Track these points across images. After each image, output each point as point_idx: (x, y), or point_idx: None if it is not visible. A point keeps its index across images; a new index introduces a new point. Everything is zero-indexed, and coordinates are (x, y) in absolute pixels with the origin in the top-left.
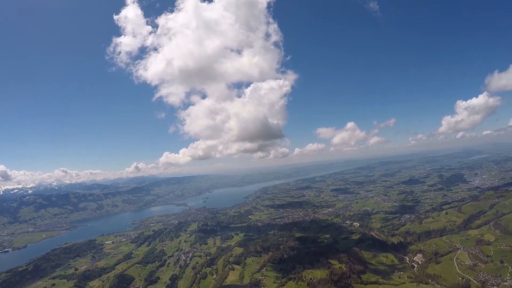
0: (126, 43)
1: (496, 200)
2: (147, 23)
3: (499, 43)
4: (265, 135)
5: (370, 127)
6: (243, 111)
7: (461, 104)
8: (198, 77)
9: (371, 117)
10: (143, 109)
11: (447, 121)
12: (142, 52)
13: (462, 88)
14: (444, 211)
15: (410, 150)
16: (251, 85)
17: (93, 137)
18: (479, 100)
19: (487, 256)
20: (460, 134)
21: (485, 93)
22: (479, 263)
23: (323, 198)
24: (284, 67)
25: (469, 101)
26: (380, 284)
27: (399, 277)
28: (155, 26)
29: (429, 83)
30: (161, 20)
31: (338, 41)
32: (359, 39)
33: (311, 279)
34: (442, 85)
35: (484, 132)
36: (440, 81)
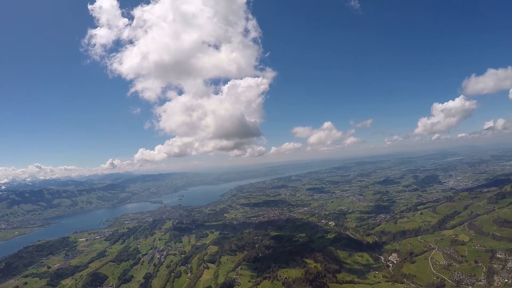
0: (101, 35)
1: (470, 201)
2: (123, 15)
3: (477, 46)
4: (241, 133)
5: (347, 127)
6: (220, 108)
7: (437, 106)
8: (175, 72)
9: (348, 117)
10: (118, 104)
11: (423, 123)
12: (118, 45)
13: (439, 91)
14: (419, 211)
15: (386, 150)
16: (228, 82)
17: (67, 132)
18: (456, 103)
19: (462, 256)
20: (435, 136)
21: (461, 96)
22: (453, 263)
23: (299, 197)
24: (262, 64)
25: (445, 103)
26: (356, 283)
27: (374, 277)
28: (131, 18)
29: (407, 84)
30: (137, 11)
31: (317, 40)
32: (338, 38)
33: (286, 278)
34: (420, 87)
35: (459, 135)
36: (417, 83)
